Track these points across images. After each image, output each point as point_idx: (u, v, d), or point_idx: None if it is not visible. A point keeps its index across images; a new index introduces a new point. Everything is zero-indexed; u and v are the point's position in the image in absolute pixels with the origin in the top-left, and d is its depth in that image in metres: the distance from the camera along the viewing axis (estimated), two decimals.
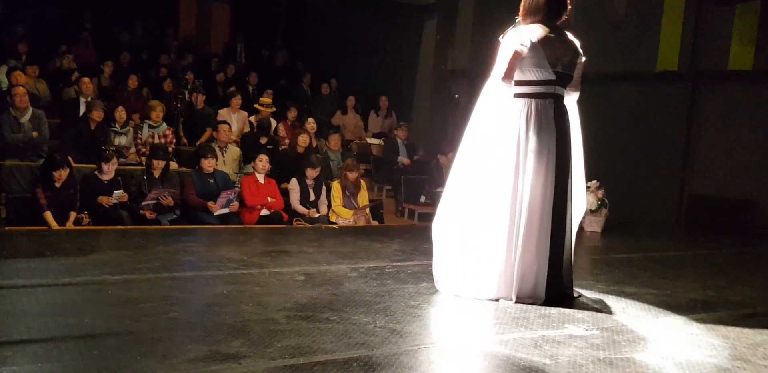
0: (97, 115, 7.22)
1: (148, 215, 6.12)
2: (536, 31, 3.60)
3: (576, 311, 3.53)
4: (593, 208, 6.59)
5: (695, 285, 4.44)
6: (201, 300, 3.37)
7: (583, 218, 3.97)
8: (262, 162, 6.98)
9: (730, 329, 3.43)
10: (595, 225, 6.67)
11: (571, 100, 3.81)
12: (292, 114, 9.62)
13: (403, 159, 9.93)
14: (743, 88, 8.14)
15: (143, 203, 6.19)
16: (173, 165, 7.17)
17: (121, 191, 6.10)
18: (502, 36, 3.71)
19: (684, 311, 3.71)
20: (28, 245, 4.67)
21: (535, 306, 3.53)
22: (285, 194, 7.17)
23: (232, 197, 6.52)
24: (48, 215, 5.60)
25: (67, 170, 5.87)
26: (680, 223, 8.15)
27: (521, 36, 3.60)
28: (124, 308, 3.12)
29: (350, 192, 7.24)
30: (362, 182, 7.49)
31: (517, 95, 3.66)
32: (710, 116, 8.44)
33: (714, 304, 3.96)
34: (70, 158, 6.16)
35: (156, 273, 3.80)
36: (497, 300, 3.59)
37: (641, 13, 9.16)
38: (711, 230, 7.31)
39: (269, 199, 6.89)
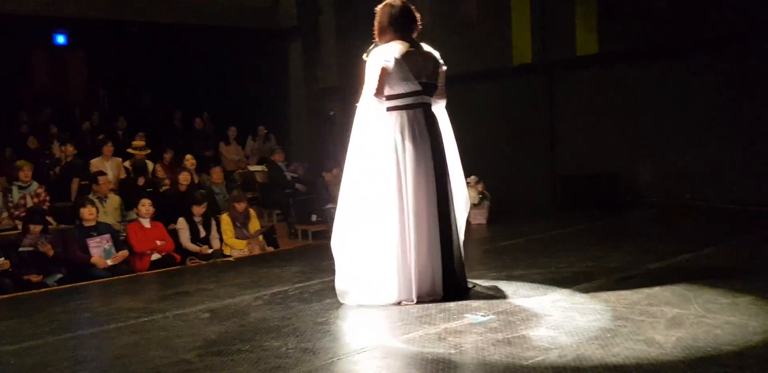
0: None
1: (33, 278, 5.84)
2: (397, 48, 3.85)
3: (472, 301, 3.76)
4: (476, 202, 6.94)
5: (575, 259, 4.82)
6: (108, 354, 3.32)
7: (468, 212, 4.24)
8: (145, 206, 6.85)
9: (609, 293, 3.78)
10: (480, 217, 7.03)
11: (439, 107, 4.09)
12: (168, 155, 9.47)
13: (289, 174, 10.07)
14: (593, 71, 8.84)
15: (20, 249, 5.92)
16: (51, 222, 6.89)
17: (2, 258, 5.81)
18: (365, 55, 3.94)
19: (568, 284, 4.04)
20: None
21: (435, 303, 3.73)
22: (174, 234, 7.05)
23: (106, 245, 6.33)
24: None
25: None
26: (557, 204, 8.72)
27: (385, 53, 3.83)
28: None
29: (240, 223, 7.24)
30: (251, 211, 7.50)
31: (390, 109, 3.89)
32: (567, 101, 9.10)
33: (593, 274, 4.33)
34: None
35: (56, 335, 3.69)
36: (399, 303, 3.76)
37: (491, 12, 9.74)
38: (584, 205, 7.88)
39: (158, 242, 6.76)
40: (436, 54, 4.03)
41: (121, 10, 10.64)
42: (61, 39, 14.18)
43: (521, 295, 3.85)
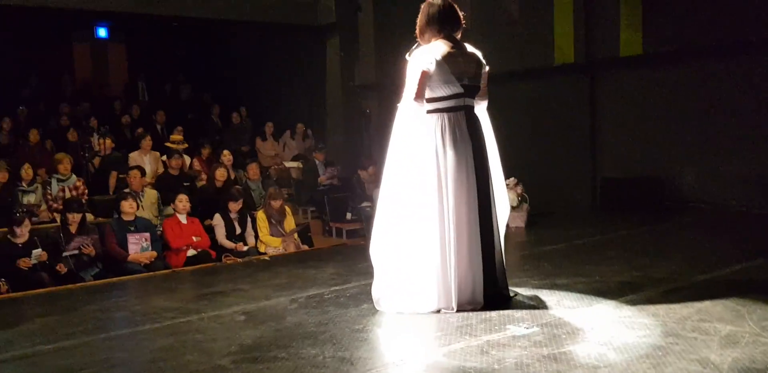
0: (2, 176, 6.94)
1: (60, 268, 5.86)
2: (439, 49, 3.74)
3: (515, 310, 3.65)
4: (514, 204, 6.78)
5: (621, 268, 4.66)
6: (143, 357, 3.28)
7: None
8: (182, 202, 6.86)
9: (658, 306, 3.63)
10: (519, 221, 6.88)
11: (481, 108, 3.98)
12: (206, 150, 9.50)
13: (322, 178, 10.00)
14: (636, 72, 8.59)
15: (64, 254, 5.97)
16: (89, 216, 6.94)
17: (39, 250, 5.85)
18: (408, 54, 3.83)
19: (614, 295, 3.89)
20: None
21: (475, 312, 3.62)
22: (210, 230, 7.06)
23: (144, 243, 6.35)
24: None
25: None
26: (597, 207, 8.52)
27: (426, 55, 3.72)
28: None
29: (276, 220, 7.21)
30: (287, 208, 7.47)
31: (430, 111, 3.78)
32: (610, 102, 8.87)
33: (640, 284, 4.17)
34: None
35: (91, 335, 3.67)
36: (439, 311, 3.66)
37: (533, 10, 9.55)
38: (625, 209, 7.67)
39: (194, 238, 6.77)
40: (479, 54, 3.91)
41: (163, 4, 10.69)
42: (102, 32, 14.39)
43: (565, 306, 3.72)
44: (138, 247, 6.31)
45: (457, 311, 3.64)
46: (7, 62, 12.59)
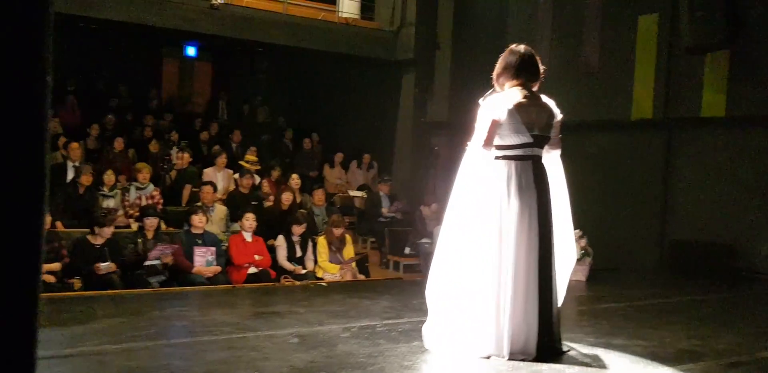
0: (86, 179, 7.31)
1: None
2: (512, 98, 3.80)
3: (566, 366, 3.60)
4: (577, 257, 6.71)
5: (681, 334, 4.54)
6: (199, 368, 3.40)
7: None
8: (249, 220, 7.07)
9: None
10: (580, 274, 6.78)
11: (553, 157, 3.99)
12: (276, 172, 9.78)
13: (385, 210, 10.09)
14: (717, 134, 8.45)
15: (146, 263, 6.25)
16: (162, 225, 7.24)
17: (109, 263, 6.11)
18: (482, 99, 3.90)
19: (672, 362, 3.79)
20: None
21: (526, 362, 3.59)
22: (272, 250, 7.23)
23: (209, 257, 6.56)
24: None
25: (48, 218, 5.91)
26: (663, 268, 8.30)
27: (498, 104, 3.78)
28: None
29: (336, 247, 7.33)
30: (347, 237, 7.59)
31: (498, 157, 3.83)
32: (686, 162, 8.71)
33: (700, 353, 4.05)
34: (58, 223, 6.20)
35: (154, 340, 3.83)
36: (489, 357, 3.65)
37: (614, 63, 9.54)
38: (693, 274, 7.46)
39: (256, 257, 6.95)
40: (553, 105, 3.93)
41: (250, 30, 11.17)
42: (191, 51, 15.07)
43: (619, 368, 3.65)
44: (203, 260, 6.52)
45: (508, 359, 3.61)
46: (101, 72, 13.33)
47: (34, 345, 0.91)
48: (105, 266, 6.02)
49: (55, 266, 5.94)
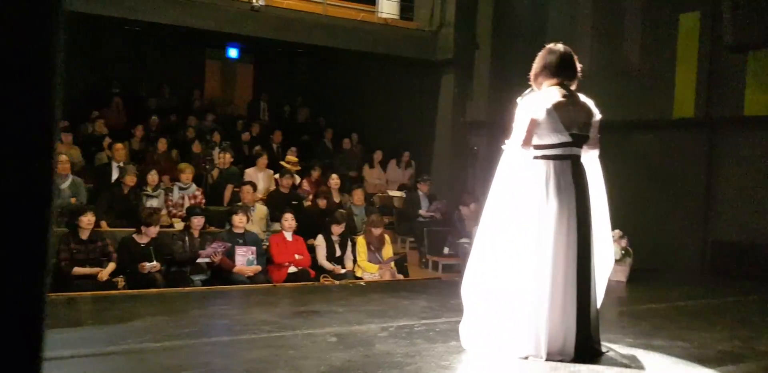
0: (131, 179, 7.49)
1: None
2: (551, 98, 3.78)
3: (605, 367, 3.58)
4: (617, 257, 6.63)
5: (723, 336, 4.46)
6: (239, 366, 3.48)
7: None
8: (288, 221, 7.17)
9: None
10: (620, 275, 6.71)
11: (592, 156, 3.96)
12: (316, 172, 9.88)
13: (423, 212, 10.10)
14: (760, 133, 8.24)
15: (198, 260, 6.42)
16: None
17: (155, 262, 6.27)
18: (520, 98, 3.89)
19: (713, 364, 3.74)
20: (69, 313, 4.83)
21: (564, 363, 3.58)
22: (311, 250, 7.32)
23: (250, 256, 6.68)
24: (78, 270, 5.84)
25: (93, 217, 6.09)
26: (705, 269, 8.14)
27: (536, 103, 3.77)
28: None
29: (375, 247, 7.38)
30: (386, 237, 7.63)
31: (537, 157, 3.81)
32: (729, 161, 8.52)
33: (742, 355, 3.99)
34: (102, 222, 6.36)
35: (194, 339, 3.93)
36: (527, 358, 3.65)
37: (654, 62, 9.37)
38: (737, 276, 7.31)
39: (297, 256, 7.05)
40: (591, 104, 3.91)
41: (291, 32, 11.29)
42: (233, 53, 15.31)
43: (659, 369, 3.62)
44: (244, 259, 6.64)
45: (546, 359, 3.61)
46: (145, 75, 13.65)
47: (40, 347, 0.91)
48: (150, 266, 6.17)
49: (111, 266, 6.12)
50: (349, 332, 4.21)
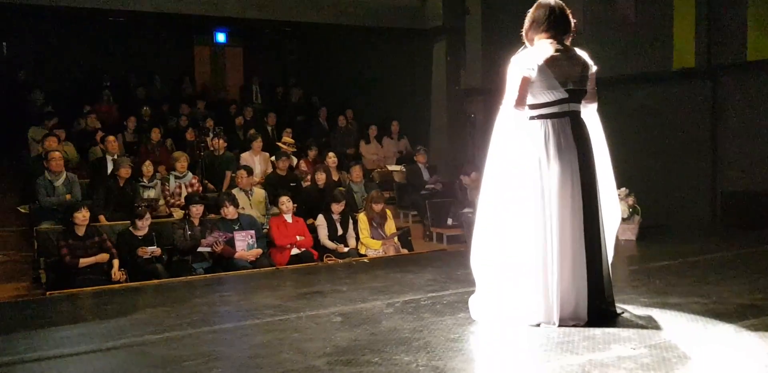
0: (125, 172, 7.37)
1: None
2: (542, 53, 3.60)
3: (621, 329, 3.45)
4: (625, 216, 6.48)
5: (741, 288, 4.32)
6: (242, 353, 3.37)
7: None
8: (284, 204, 7.05)
9: None
10: (629, 233, 6.56)
11: (590, 111, 3.79)
12: (312, 152, 9.74)
13: (428, 183, 9.96)
14: (766, 77, 7.99)
15: (199, 249, 6.33)
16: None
17: (154, 246, 6.19)
18: (514, 56, 3.71)
19: (733, 318, 3.61)
20: (70, 309, 4.75)
21: (578, 328, 3.46)
22: (313, 230, 7.20)
23: (250, 240, 6.56)
24: (86, 261, 5.77)
25: (87, 213, 6.00)
26: (716, 222, 7.98)
27: (527, 60, 3.58)
28: (169, 368, 3.13)
29: (377, 223, 7.26)
30: (388, 212, 7.51)
31: (533, 118, 3.64)
32: (734, 110, 8.30)
33: (763, 308, 3.85)
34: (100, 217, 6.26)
35: (196, 328, 3.82)
36: (539, 325, 3.52)
37: (651, 11, 9.09)
38: (749, 226, 7.14)
39: (298, 238, 6.93)
40: (586, 57, 3.71)
41: (276, 10, 11.05)
42: (221, 37, 15.07)
43: (677, 327, 3.48)
44: (244, 244, 6.53)
45: (559, 326, 3.48)
46: (135, 64, 13.44)
47: None
48: (151, 250, 6.09)
49: (103, 256, 6.03)
50: (354, 311, 4.10)
